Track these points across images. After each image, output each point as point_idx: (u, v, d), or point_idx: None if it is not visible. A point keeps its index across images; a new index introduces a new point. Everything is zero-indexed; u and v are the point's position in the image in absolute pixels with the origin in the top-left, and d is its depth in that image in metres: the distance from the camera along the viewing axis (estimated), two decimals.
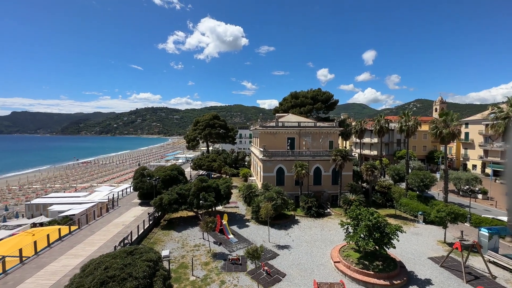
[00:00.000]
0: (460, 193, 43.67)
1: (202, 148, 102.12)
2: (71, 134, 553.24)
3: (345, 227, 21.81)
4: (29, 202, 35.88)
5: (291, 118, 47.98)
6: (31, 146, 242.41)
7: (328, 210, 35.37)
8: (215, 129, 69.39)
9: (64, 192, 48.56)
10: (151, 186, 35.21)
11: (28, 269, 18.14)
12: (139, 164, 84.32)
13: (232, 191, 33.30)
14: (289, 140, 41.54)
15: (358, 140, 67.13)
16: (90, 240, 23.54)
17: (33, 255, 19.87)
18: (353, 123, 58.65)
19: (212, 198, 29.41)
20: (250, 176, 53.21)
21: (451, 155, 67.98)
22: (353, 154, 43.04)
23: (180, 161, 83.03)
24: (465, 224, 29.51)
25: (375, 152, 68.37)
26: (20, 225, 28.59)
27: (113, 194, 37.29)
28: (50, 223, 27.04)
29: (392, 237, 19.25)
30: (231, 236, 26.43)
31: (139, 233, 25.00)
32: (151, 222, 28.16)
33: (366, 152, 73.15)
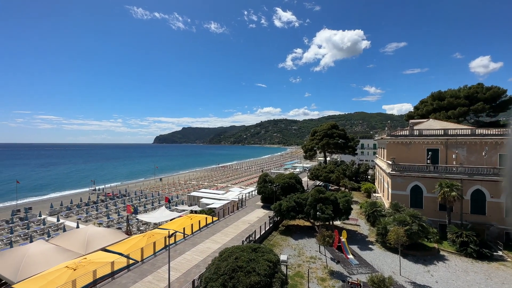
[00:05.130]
0: None
1: (319, 158, 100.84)
2: (215, 144, 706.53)
3: None
4: (189, 194, 48.44)
5: (433, 125, 38.41)
6: (192, 152, 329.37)
7: (500, 252, 24.89)
8: (333, 139, 66.70)
9: (210, 189, 61.90)
10: (271, 192, 38.38)
11: (187, 244, 24.29)
12: (262, 171, 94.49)
13: (352, 206, 30.46)
14: (429, 152, 33.27)
15: None
16: (225, 231, 28.46)
17: (190, 234, 26.44)
18: None
19: (329, 211, 28.12)
20: (374, 192, 46.79)
21: None
22: None
23: (297, 170, 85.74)
24: None
25: None
26: (184, 210, 39.00)
27: (242, 195, 43.65)
28: (200, 212, 35.15)
29: None
30: (350, 256, 24.03)
31: (261, 233, 27.63)
32: (271, 225, 30.48)
33: None
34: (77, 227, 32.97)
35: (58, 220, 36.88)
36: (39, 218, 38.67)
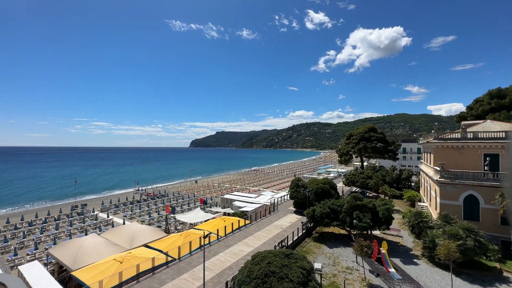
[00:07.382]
0: None
1: (355, 163, 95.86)
2: (247, 148, 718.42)
3: None
4: (222, 196, 49.77)
5: (490, 126, 33.88)
6: (225, 156, 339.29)
7: None
8: (371, 142, 62.84)
9: (242, 192, 62.82)
10: (304, 197, 37.48)
11: (220, 246, 24.89)
12: (294, 175, 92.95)
13: (393, 215, 28.19)
14: (487, 158, 29.32)
15: None
16: (257, 235, 28.51)
17: (223, 236, 27.06)
18: None
19: (367, 220, 26.42)
20: (419, 201, 42.73)
21: None
22: None
23: (331, 175, 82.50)
24: None
25: None
26: (217, 212, 40.15)
27: (274, 199, 43.38)
28: (233, 215, 35.82)
29: None
30: (392, 269, 22.19)
31: (294, 239, 27.06)
32: (304, 231, 29.69)
33: None
34: (123, 223, 36.09)
35: (107, 216, 40.87)
36: (92, 213, 43.32)
